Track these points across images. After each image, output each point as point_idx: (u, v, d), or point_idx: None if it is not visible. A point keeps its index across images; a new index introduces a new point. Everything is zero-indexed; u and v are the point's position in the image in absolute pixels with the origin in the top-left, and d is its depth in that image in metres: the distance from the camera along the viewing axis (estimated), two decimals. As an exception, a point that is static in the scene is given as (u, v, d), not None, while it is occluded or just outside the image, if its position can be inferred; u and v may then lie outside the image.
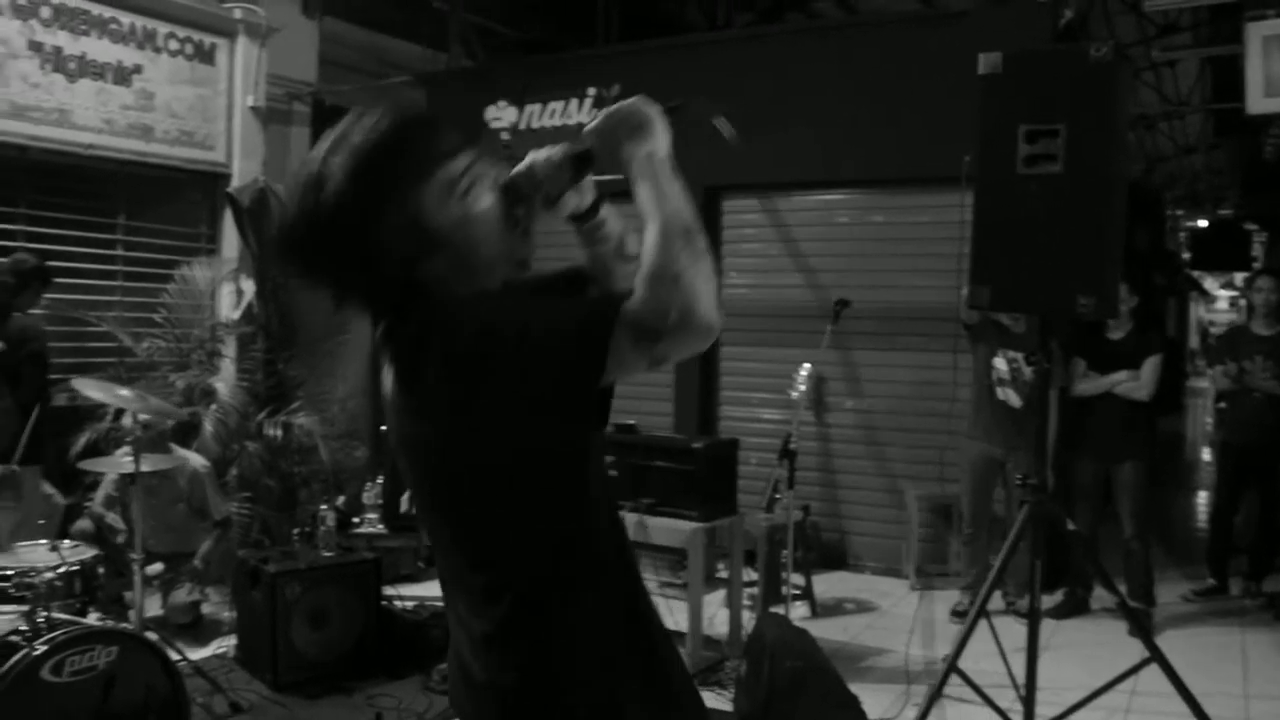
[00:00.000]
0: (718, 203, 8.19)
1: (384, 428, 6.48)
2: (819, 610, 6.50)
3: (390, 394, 1.68)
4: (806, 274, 7.81)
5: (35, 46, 6.70)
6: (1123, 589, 5.85)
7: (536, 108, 8.79)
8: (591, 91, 8.54)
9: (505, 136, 8.97)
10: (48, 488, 6.01)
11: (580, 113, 8.59)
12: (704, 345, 1.56)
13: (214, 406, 6.93)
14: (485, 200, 1.70)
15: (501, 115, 8.99)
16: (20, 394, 5.66)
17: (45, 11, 6.73)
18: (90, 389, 4.88)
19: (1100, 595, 6.40)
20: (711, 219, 8.16)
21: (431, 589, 5.16)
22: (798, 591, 6.33)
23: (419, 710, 4.84)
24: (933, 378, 7.16)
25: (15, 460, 5.41)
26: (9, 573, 4.20)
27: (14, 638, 3.56)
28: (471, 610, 1.70)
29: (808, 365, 6.41)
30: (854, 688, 4.54)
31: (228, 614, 5.76)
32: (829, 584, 7.03)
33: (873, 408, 7.59)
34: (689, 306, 1.52)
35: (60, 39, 6.82)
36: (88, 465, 5.30)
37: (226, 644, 5.58)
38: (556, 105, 8.71)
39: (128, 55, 7.20)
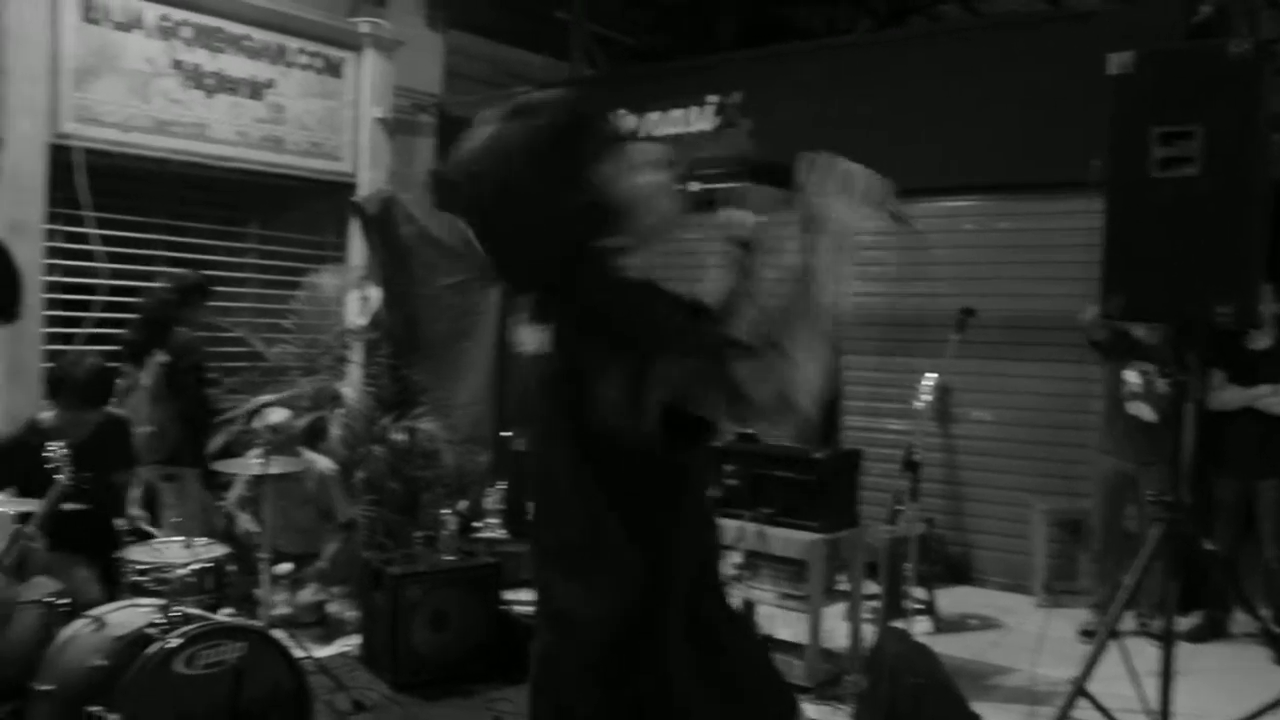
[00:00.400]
0: (840, 210, 8.09)
1: (506, 433, 6.60)
2: (942, 626, 6.37)
3: (537, 354, 1.77)
4: (931, 282, 7.67)
5: (177, 65, 6.95)
6: (1266, 613, 5.62)
7: (657, 116, 8.82)
8: (712, 99, 8.54)
9: (626, 145, 9.01)
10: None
11: (700, 120, 8.59)
12: (788, 430, 1.62)
13: (341, 411, 7.09)
14: (654, 184, 1.81)
15: (622, 125, 9.04)
16: (182, 404, 5.88)
17: (186, 31, 6.98)
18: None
19: (1242, 619, 6.13)
20: (833, 227, 8.07)
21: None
22: (920, 606, 6.20)
23: (536, 715, 4.86)
24: (1062, 389, 6.97)
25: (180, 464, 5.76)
26: (146, 568, 4.34)
27: (150, 630, 3.67)
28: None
29: (933, 375, 6.30)
30: (977, 707, 4.43)
31: (351, 614, 5.86)
32: (952, 599, 6.88)
33: (999, 419, 7.41)
34: (791, 396, 1.54)
35: (199, 57, 7.06)
36: (221, 467, 5.46)
37: (350, 643, 5.69)
38: (678, 113, 8.72)
39: (260, 70, 7.42)
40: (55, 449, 3.46)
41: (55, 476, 3.39)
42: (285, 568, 5.83)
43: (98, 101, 6.56)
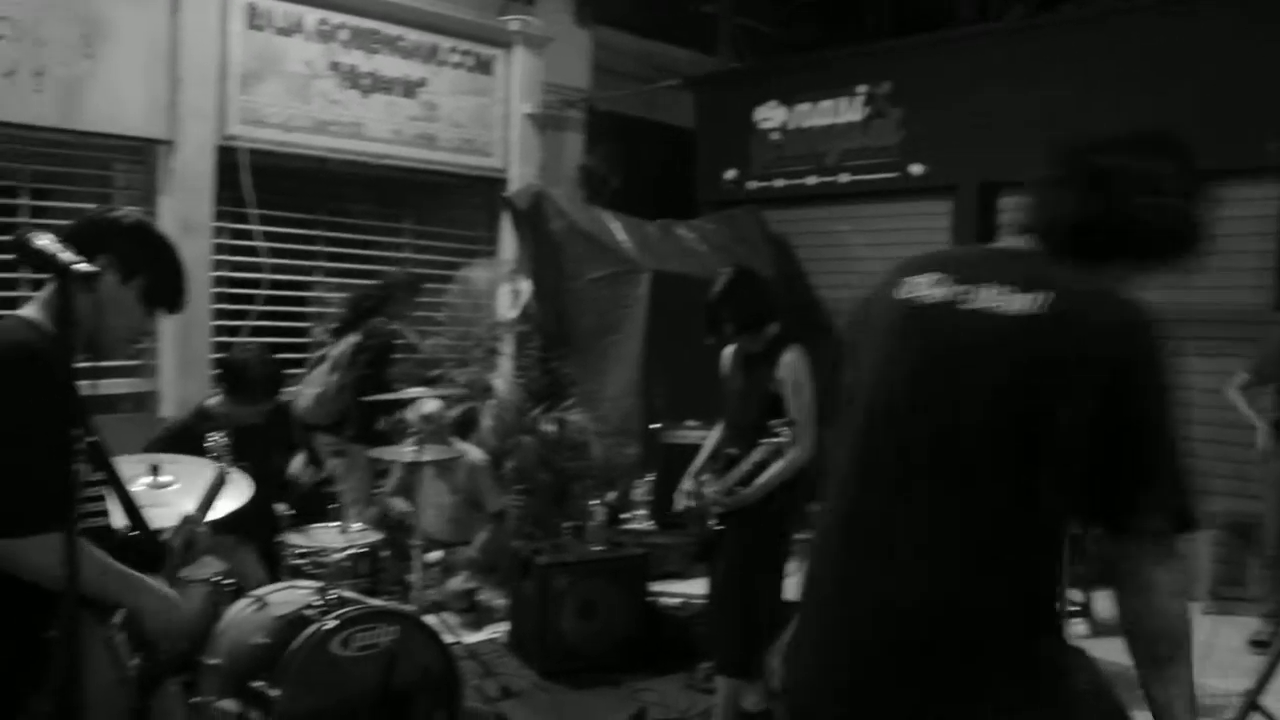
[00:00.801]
0: (994, 199, 7.89)
1: (655, 426, 6.61)
2: (1098, 629, 6.15)
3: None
4: (1093, 274, 7.40)
5: (334, 66, 7.17)
6: None
7: (806, 107, 8.73)
8: (862, 89, 8.41)
9: (775, 138, 8.95)
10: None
11: (849, 111, 8.47)
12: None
13: (492, 402, 7.21)
14: None
15: (771, 116, 8.97)
16: (359, 381, 6.08)
17: (344, 34, 7.19)
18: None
19: None
20: (987, 217, 7.87)
21: (698, 587, 5.18)
22: (1075, 608, 6.00)
23: (682, 708, 4.86)
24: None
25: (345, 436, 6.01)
26: (305, 551, 4.49)
27: (308, 611, 3.80)
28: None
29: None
30: (1138, 716, 4.25)
31: (500, 602, 5.96)
32: (1109, 602, 6.63)
33: (1164, 416, 7.11)
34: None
35: (356, 58, 7.27)
36: (377, 454, 5.61)
37: (498, 630, 5.79)
38: (827, 104, 8.62)
39: (414, 70, 7.60)
40: (215, 439, 3.59)
41: (217, 463, 3.52)
42: (436, 555, 5.96)
43: (261, 104, 6.82)
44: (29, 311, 2.34)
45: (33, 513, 2.08)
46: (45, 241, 1.97)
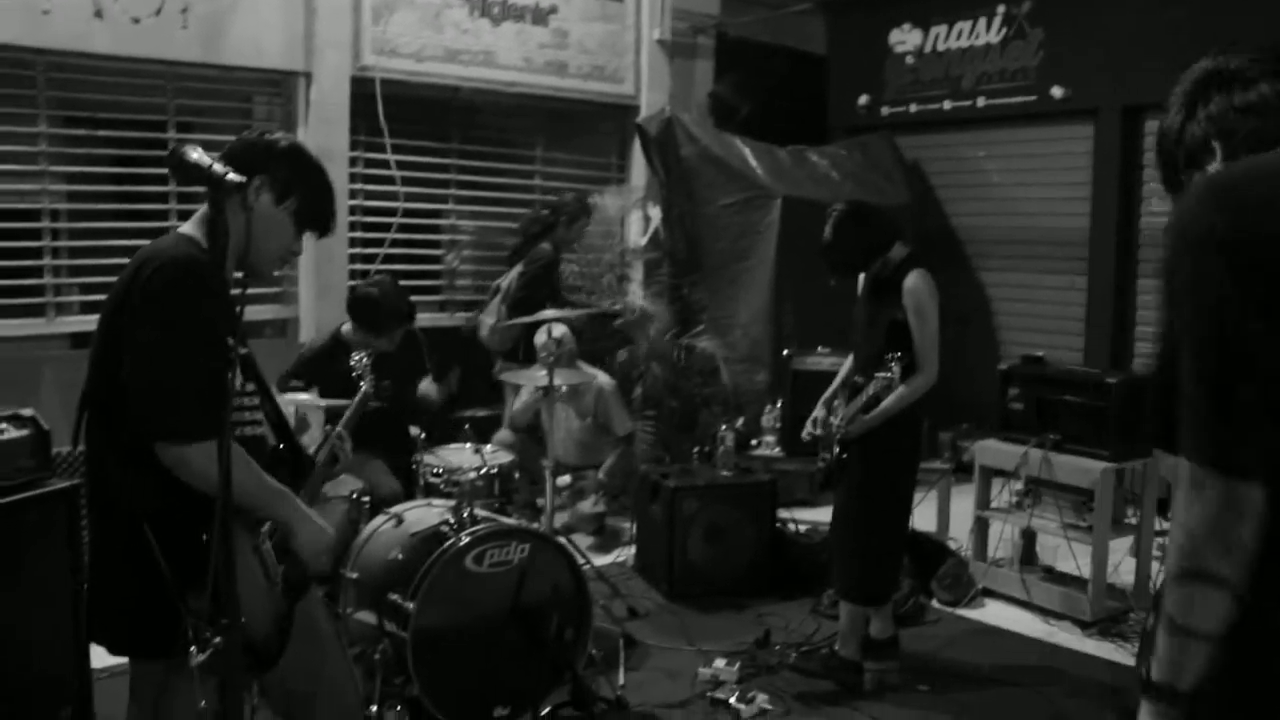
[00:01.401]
0: (1139, 124, 7.57)
1: (785, 352, 6.59)
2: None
3: None
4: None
5: (466, -6, 7.22)
6: None
7: (943, 29, 8.47)
8: (1001, 9, 8.12)
9: (910, 61, 8.73)
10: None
11: (989, 33, 8.19)
12: None
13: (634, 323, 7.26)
14: None
15: (906, 39, 8.74)
16: (520, 306, 6.20)
17: (474, -40, 7.24)
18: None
19: None
20: (1132, 142, 7.56)
21: (824, 514, 5.18)
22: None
23: (807, 632, 4.89)
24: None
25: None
26: (440, 470, 4.61)
27: (444, 528, 3.92)
28: None
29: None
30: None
31: (628, 525, 6.04)
32: None
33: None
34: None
35: (486, -15, 7.31)
36: (507, 377, 5.70)
37: (626, 553, 5.88)
38: (964, 25, 8.35)
39: (545, -4, 7.61)
40: (359, 358, 3.70)
41: (360, 383, 3.64)
42: (566, 479, 6.06)
43: (394, 34, 6.90)
44: (187, 228, 2.45)
45: (199, 420, 2.19)
46: (198, 155, 2.04)
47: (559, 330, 5.87)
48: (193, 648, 2.06)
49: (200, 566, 2.08)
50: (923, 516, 4.64)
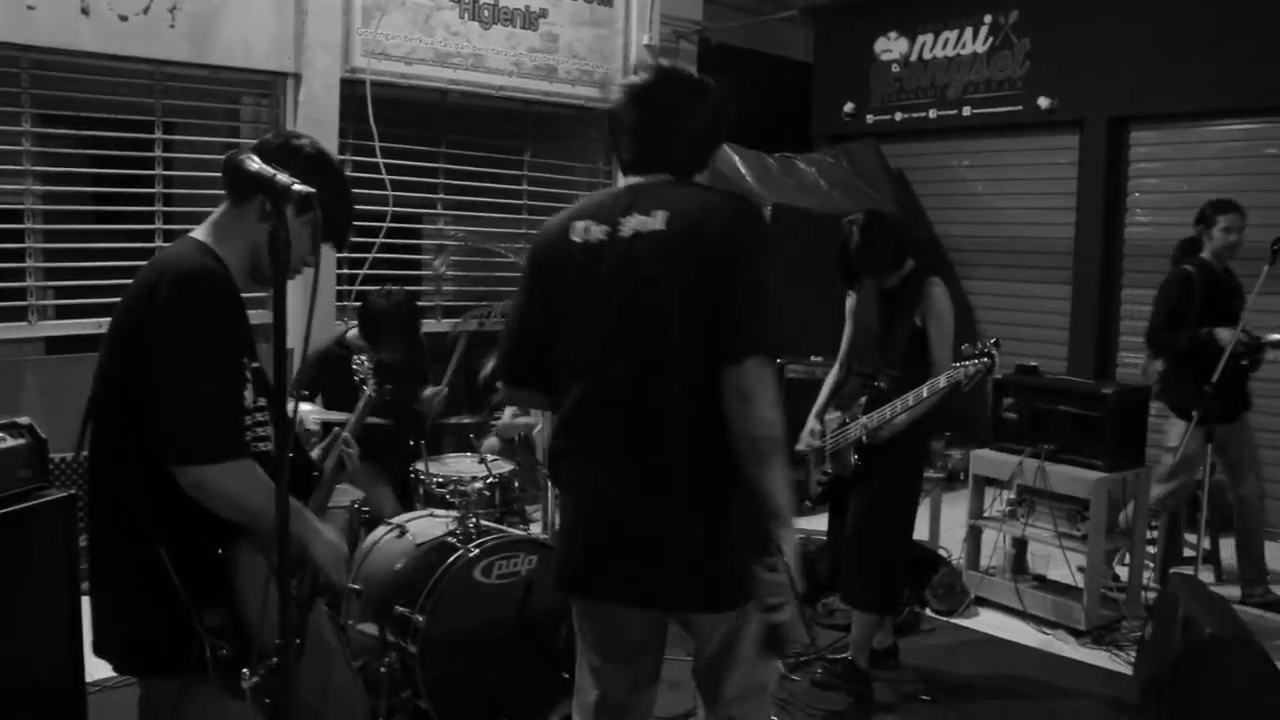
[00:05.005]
0: (1124, 135, 7.63)
1: (777, 360, 6.57)
2: (1224, 577, 6.01)
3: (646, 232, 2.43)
4: (1228, 212, 7.12)
5: (456, -2, 7.17)
6: None
7: (929, 38, 8.51)
8: (987, 19, 8.16)
9: (896, 70, 8.75)
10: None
11: (976, 42, 8.23)
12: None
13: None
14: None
15: (892, 48, 8.77)
16: None
17: (465, -36, 7.18)
18: None
19: None
20: (1117, 153, 7.62)
21: (815, 523, 5.17)
22: (1191, 553, 5.86)
23: (804, 642, 4.85)
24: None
25: None
26: (443, 480, 4.55)
27: (450, 539, 3.87)
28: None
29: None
30: (1272, 668, 4.14)
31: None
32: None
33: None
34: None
35: (477, -11, 7.26)
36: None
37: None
38: (950, 34, 8.39)
39: (535, 1, 7.55)
40: (362, 362, 3.65)
41: (364, 388, 3.58)
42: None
43: (384, 36, 6.83)
44: (201, 235, 2.36)
45: (220, 441, 2.13)
46: (258, 165, 1.98)
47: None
48: (244, 670, 2.01)
49: (214, 583, 2.04)
50: (915, 526, 4.67)
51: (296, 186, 1.94)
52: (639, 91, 2.55)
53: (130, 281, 2.36)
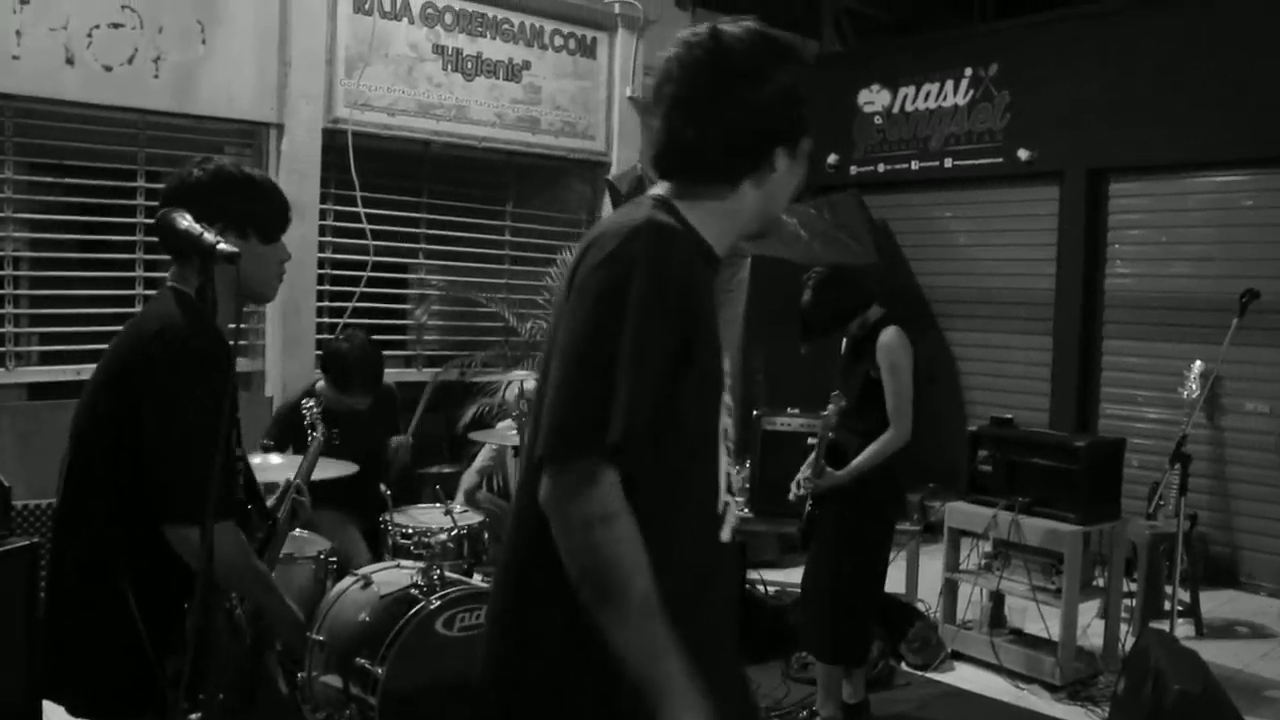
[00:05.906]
0: (1103, 187, 7.69)
1: (755, 413, 6.60)
2: (1205, 631, 5.99)
3: None
4: (1201, 263, 7.19)
5: (439, 50, 7.23)
6: None
7: (910, 90, 8.59)
8: (968, 72, 8.25)
9: (878, 122, 8.83)
10: None
11: (956, 95, 8.31)
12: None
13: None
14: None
15: (875, 99, 8.85)
16: None
17: (448, 17, 7.25)
18: None
19: None
20: (1096, 204, 7.67)
21: (793, 576, 5.15)
22: (1181, 608, 5.85)
23: (778, 696, 4.85)
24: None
25: None
26: (409, 531, 4.53)
27: (413, 591, 3.85)
28: None
29: (1199, 363, 5.95)
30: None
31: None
32: (1217, 603, 6.46)
33: (1276, 411, 6.88)
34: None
35: (460, 41, 7.32)
36: (477, 436, 5.65)
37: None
38: (931, 87, 8.47)
39: (518, 53, 7.63)
40: (308, 405, 3.66)
41: (311, 433, 3.59)
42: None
43: (367, 87, 6.90)
44: (179, 284, 2.35)
45: (215, 502, 2.12)
46: (188, 223, 2.01)
47: (529, 387, 5.82)
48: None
49: (178, 631, 2.04)
50: (892, 578, 4.65)
51: (221, 247, 1.96)
52: (669, 66, 1.87)
53: (119, 329, 2.38)
